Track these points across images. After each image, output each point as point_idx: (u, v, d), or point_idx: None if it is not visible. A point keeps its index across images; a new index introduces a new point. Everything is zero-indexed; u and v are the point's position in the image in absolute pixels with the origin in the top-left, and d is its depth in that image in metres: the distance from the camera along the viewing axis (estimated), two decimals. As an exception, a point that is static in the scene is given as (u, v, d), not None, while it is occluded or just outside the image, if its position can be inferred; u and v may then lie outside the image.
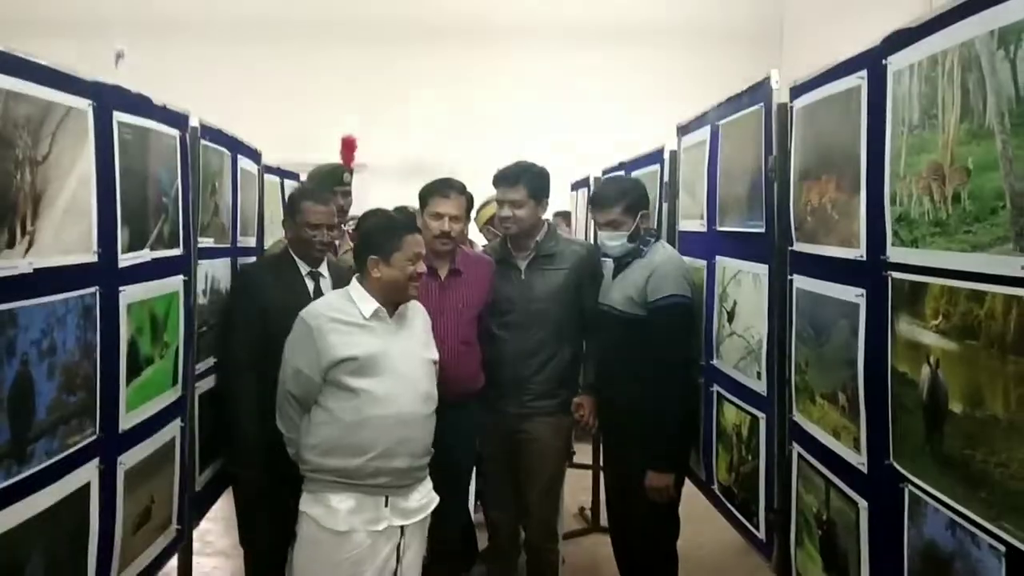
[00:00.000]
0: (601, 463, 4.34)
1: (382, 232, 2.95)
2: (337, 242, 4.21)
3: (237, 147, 3.71)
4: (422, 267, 2.91)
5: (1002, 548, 1.41)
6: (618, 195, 3.37)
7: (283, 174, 4.98)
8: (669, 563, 3.43)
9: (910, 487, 1.75)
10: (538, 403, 3.53)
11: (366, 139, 7.31)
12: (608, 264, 3.57)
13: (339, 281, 3.36)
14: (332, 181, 4.10)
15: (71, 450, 2.17)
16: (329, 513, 2.81)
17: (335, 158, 4.69)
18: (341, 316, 2.86)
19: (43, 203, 2.03)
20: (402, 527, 2.87)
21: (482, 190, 3.76)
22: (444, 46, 7.92)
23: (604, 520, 5.01)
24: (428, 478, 2.98)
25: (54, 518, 2.10)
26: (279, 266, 3.40)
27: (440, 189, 3.44)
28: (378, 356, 2.82)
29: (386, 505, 2.83)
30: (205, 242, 3.21)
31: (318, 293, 3.33)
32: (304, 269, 3.39)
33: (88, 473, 2.26)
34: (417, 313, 3.06)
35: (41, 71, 2.02)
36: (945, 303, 1.60)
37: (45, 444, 2.05)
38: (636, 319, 3.26)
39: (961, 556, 1.54)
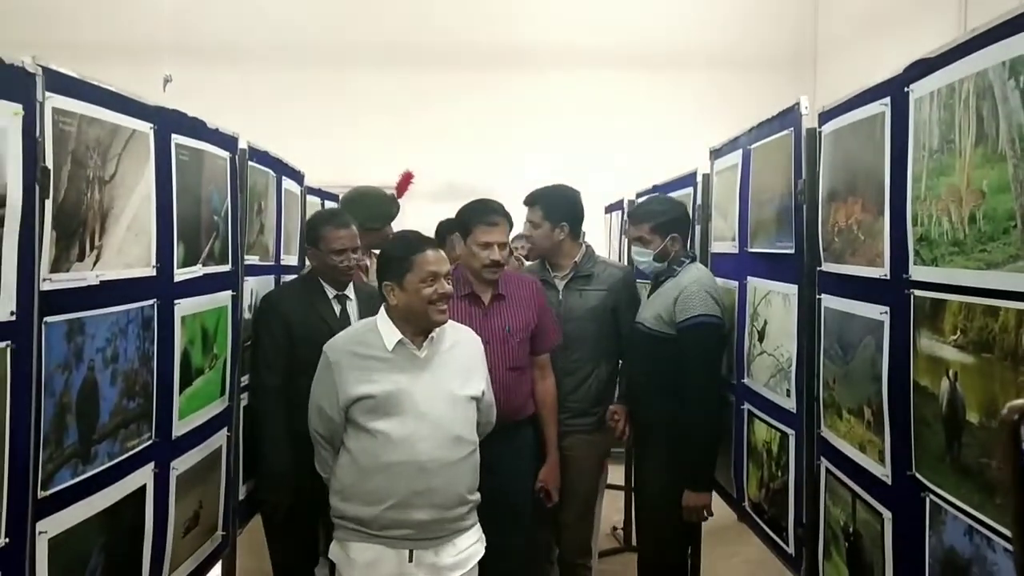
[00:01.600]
0: (633, 483, 4.41)
1: (392, 254, 2.73)
2: (367, 262, 4.29)
3: (282, 169, 3.85)
4: (444, 287, 2.63)
5: (1015, 550, 1.48)
6: (649, 214, 3.44)
7: (323, 195, 5.12)
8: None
9: (931, 496, 1.82)
10: (574, 421, 3.56)
11: (403, 162, 7.46)
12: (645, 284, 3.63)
13: (367, 303, 3.37)
14: (392, 211, 4.21)
15: (129, 453, 2.29)
16: (348, 564, 2.62)
17: (372, 180, 4.78)
18: (362, 349, 2.65)
19: (109, 220, 2.17)
20: None
21: (515, 213, 3.82)
22: (479, 70, 8.05)
23: (636, 539, 5.08)
24: (472, 530, 2.71)
25: (113, 517, 2.22)
26: (305, 290, 3.38)
27: (487, 217, 3.29)
28: (397, 394, 2.58)
29: (411, 560, 2.58)
30: (251, 260, 3.33)
31: (344, 316, 3.35)
32: (331, 293, 3.38)
33: (144, 476, 2.39)
34: (461, 341, 2.79)
35: (109, 96, 2.17)
36: (963, 318, 1.68)
37: (107, 446, 2.18)
38: (664, 337, 3.29)
39: (978, 561, 1.61)
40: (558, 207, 3.63)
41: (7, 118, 1.73)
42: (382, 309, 2.72)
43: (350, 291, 3.44)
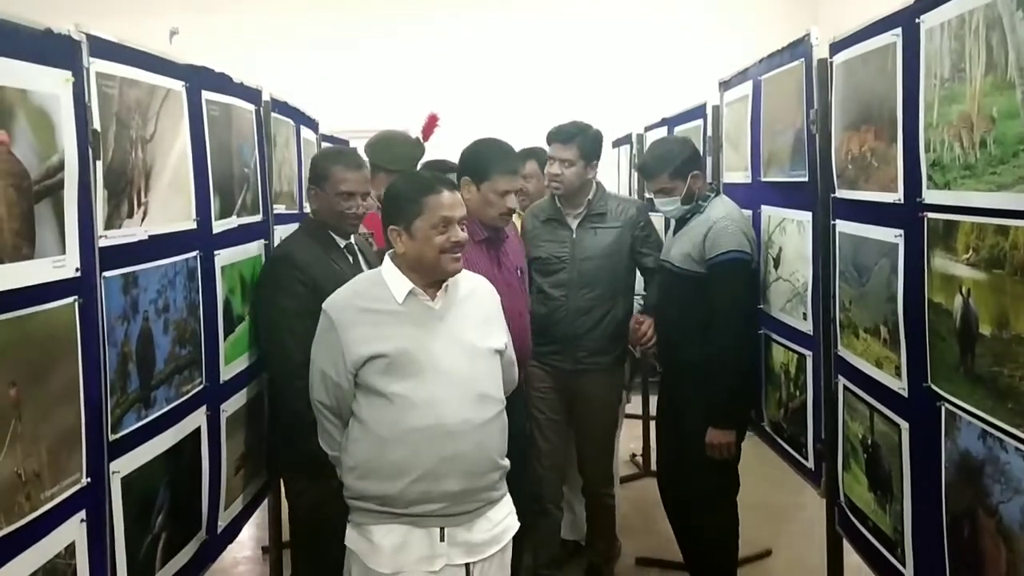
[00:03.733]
0: (652, 414, 4.51)
1: (399, 195, 2.40)
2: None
3: (299, 118, 3.93)
4: (458, 234, 2.32)
5: (1027, 449, 1.61)
6: (663, 162, 3.34)
7: (336, 143, 5.19)
8: (730, 521, 3.43)
9: (947, 405, 1.93)
10: (592, 359, 3.59)
11: (410, 103, 7.48)
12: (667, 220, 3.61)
13: (371, 254, 3.18)
14: (417, 154, 4.08)
15: (184, 397, 2.43)
16: (373, 551, 2.29)
17: (382, 125, 4.79)
18: (370, 304, 2.34)
19: (152, 177, 2.28)
20: (468, 565, 2.32)
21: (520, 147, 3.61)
22: (486, 5, 8.02)
23: (655, 465, 5.26)
24: (504, 500, 2.43)
25: (174, 457, 2.37)
26: (315, 241, 2.96)
27: (509, 164, 3.11)
28: (413, 351, 2.29)
29: (442, 539, 2.28)
30: (278, 209, 3.43)
31: (357, 267, 2.99)
32: (341, 242, 3.01)
33: (198, 418, 2.53)
34: (477, 290, 2.51)
35: (144, 57, 2.27)
36: (975, 238, 1.78)
37: (164, 391, 2.31)
38: (694, 276, 3.25)
39: (991, 461, 1.74)
40: (593, 145, 3.61)
41: (60, 86, 1.81)
42: (387, 258, 2.42)
43: (353, 240, 3.11)
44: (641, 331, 3.57)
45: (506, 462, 2.43)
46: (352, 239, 3.07)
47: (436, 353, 2.31)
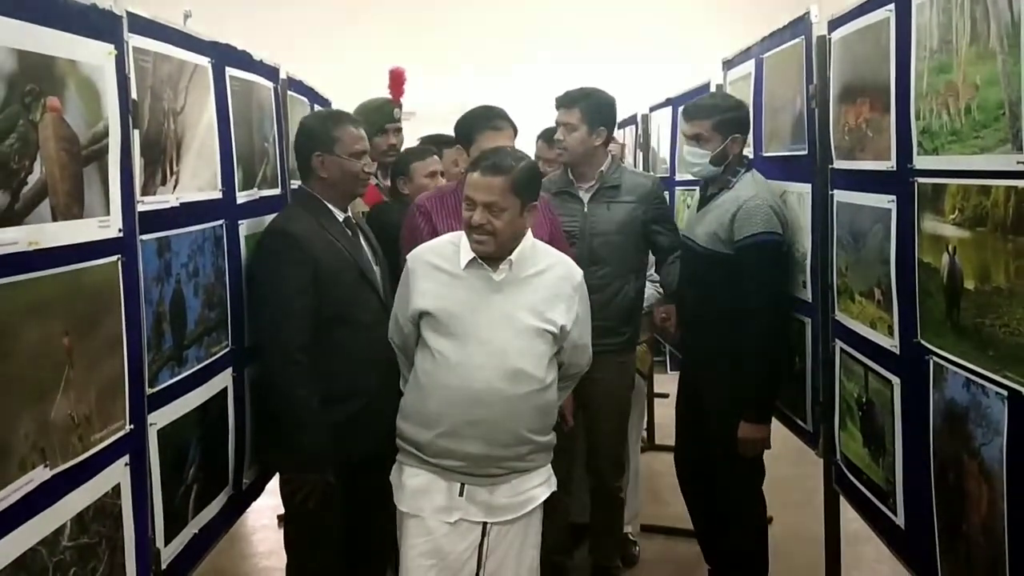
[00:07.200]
0: (656, 391, 4.51)
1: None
2: None
3: (314, 97, 4.05)
4: (473, 216, 2.40)
5: (1005, 392, 1.73)
6: (710, 110, 3.11)
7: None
8: (757, 505, 3.26)
9: (934, 358, 2.06)
10: (603, 341, 3.17)
11: (415, 84, 7.55)
12: (694, 195, 3.51)
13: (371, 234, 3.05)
14: (382, 118, 3.87)
15: (213, 358, 2.56)
16: (399, 489, 2.50)
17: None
18: (440, 262, 2.48)
19: (183, 148, 2.40)
20: (485, 524, 2.43)
21: (524, 128, 3.32)
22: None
23: (659, 439, 5.40)
24: (537, 472, 2.51)
25: (204, 415, 2.50)
26: (314, 216, 2.78)
27: (492, 121, 3.02)
28: (460, 315, 2.40)
29: (461, 494, 2.41)
30: (294, 184, 3.54)
31: (357, 242, 2.87)
32: (340, 216, 2.84)
33: (225, 379, 2.65)
34: (552, 269, 2.53)
35: (174, 33, 2.39)
36: (960, 199, 1.91)
37: (195, 351, 2.44)
38: (720, 257, 3.04)
39: (973, 406, 1.86)
40: (599, 110, 3.39)
41: (104, 58, 1.94)
42: None
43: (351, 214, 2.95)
44: (670, 324, 3.52)
45: (543, 438, 2.50)
46: (350, 213, 2.92)
47: (480, 322, 2.41)
